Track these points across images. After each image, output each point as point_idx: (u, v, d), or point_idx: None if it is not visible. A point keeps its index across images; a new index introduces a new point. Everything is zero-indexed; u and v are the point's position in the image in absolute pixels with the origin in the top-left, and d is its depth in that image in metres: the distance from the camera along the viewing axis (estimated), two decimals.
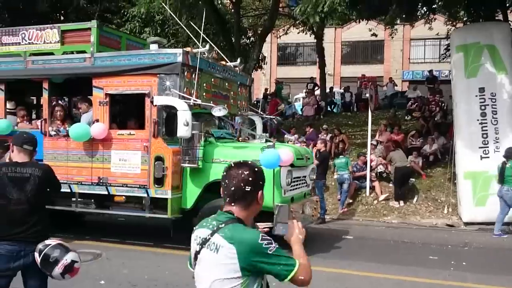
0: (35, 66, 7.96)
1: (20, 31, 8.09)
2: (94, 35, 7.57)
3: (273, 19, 17.27)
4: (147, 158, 7.24)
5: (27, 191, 3.65)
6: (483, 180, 9.77)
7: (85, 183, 7.69)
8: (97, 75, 7.53)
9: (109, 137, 7.49)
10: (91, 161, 7.63)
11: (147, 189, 7.27)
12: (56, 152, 7.87)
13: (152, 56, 7.21)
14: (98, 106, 7.56)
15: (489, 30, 10.41)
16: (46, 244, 3.56)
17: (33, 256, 3.55)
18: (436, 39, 27.57)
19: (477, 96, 10.05)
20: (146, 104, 7.27)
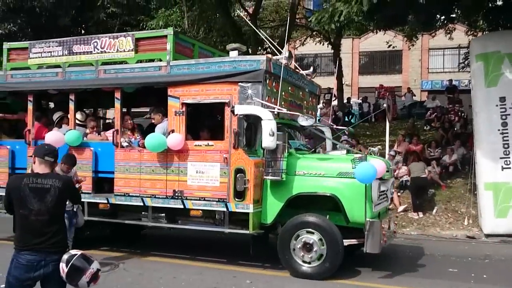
0: (107, 75, 7.88)
1: (92, 39, 8.04)
2: (171, 42, 7.44)
3: (290, 30, 17.50)
4: (227, 170, 7.01)
5: (47, 202, 3.79)
6: (504, 191, 9.77)
7: (159, 196, 7.49)
8: (173, 84, 7.39)
9: (186, 148, 7.30)
10: (165, 173, 7.44)
11: (226, 203, 7.02)
12: (128, 164, 7.72)
13: (233, 64, 7.02)
14: (174, 116, 7.38)
15: (509, 39, 10.35)
16: (72, 254, 3.74)
17: (53, 266, 3.72)
18: (455, 49, 27.58)
19: (497, 105, 10.00)
20: (226, 113, 7.07)
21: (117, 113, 7.86)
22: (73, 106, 8.23)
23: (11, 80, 8.69)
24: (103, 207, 8.04)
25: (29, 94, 8.55)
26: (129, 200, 7.72)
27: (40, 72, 8.49)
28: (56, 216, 3.87)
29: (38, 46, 8.50)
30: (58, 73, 8.28)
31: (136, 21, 20.15)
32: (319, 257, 6.73)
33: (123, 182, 7.76)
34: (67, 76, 8.19)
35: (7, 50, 8.86)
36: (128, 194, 7.72)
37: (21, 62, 8.79)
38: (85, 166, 8.04)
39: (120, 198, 7.78)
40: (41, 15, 21.11)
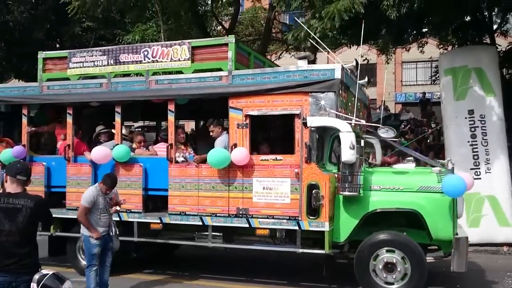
0: (159, 86, 7.57)
1: (141, 48, 7.74)
2: (232, 51, 7.18)
3: (266, 45, 18.28)
4: (298, 186, 6.75)
5: (18, 222, 3.81)
6: (475, 201, 10.12)
7: (220, 215, 7.16)
8: (236, 94, 7.13)
9: (250, 163, 7.00)
10: (227, 190, 7.14)
11: (298, 221, 6.75)
12: (184, 181, 7.40)
13: (304, 73, 6.79)
14: (236, 129, 7.08)
15: (476, 54, 10.95)
16: (43, 274, 3.74)
17: (24, 286, 3.76)
18: (427, 61, 28.71)
19: (466, 118, 10.52)
20: (296, 126, 6.82)
21: (170, 126, 7.54)
22: (120, 119, 7.87)
23: (47, 91, 8.31)
24: (155, 227, 7.65)
25: (68, 107, 8.15)
26: (185, 219, 7.38)
27: (82, 83, 8.11)
28: (27, 237, 3.88)
29: (79, 55, 8.17)
30: (102, 84, 7.93)
31: (112, 35, 20.45)
32: (403, 276, 6.48)
33: (178, 200, 7.42)
34: (113, 87, 7.84)
35: (42, 59, 8.47)
36: (184, 213, 7.39)
37: (59, 72, 8.44)
38: (134, 183, 7.68)
39: (175, 217, 7.44)
40: (14, 29, 21.32)
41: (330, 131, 6.94)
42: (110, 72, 7.91)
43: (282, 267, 8.58)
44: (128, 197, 7.67)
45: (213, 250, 9.22)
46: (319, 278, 7.35)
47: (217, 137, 7.50)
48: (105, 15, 19.09)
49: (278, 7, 12.45)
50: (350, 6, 9.12)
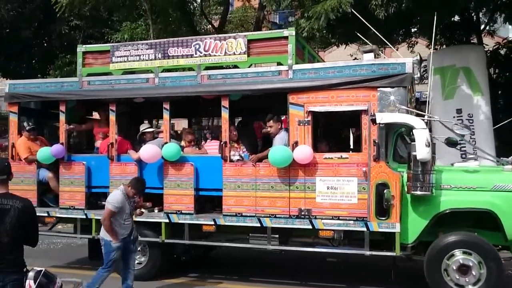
0: (212, 81, 7.31)
1: (193, 41, 7.48)
2: (292, 44, 6.94)
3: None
4: (366, 186, 6.55)
5: (6, 223, 3.81)
6: None
7: (280, 216, 6.93)
8: (297, 90, 6.92)
9: (313, 161, 6.78)
10: (288, 190, 6.92)
11: (366, 222, 6.54)
12: (240, 181, 7.17)
13: (372, 67, 6.59)
14: (297, 126, 6.85)
15: (464, 53, 11.15)
16: (37, 270, 3.88)
17: (12, 285, 3.80)
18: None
19: (454, 117, 10.52)
20: (363, 122, 6.59)
21: (224, 123, 7.29)
22: (168, 115, 7.57)
23: (88, 87, 8.01)
24: (208, 229, 7.39)
25: (111, 103, 7.85)
26: (242, 221, 7.15)
27: (126, 78, 7.83)
28: (15, 238, 3.88)
29: (123, 49, 7.89)
30: (149, 79, 7.65)
31: (100, 34, 20.48)
32: (476, 282, 6.30)
33: (234, 201, 7.18)
34: (161, 82, 7.56)
35: (82, 53, 8.16)
36: (240, 214, 7.15)
37: (100, 67, 8.15)
38: (185, 183, 7.44)
39: (231, 219, 7.20)
40: (1, 28, 21.45)
41: (394, 127, 6.75)
42: (157, 67, 7.62)
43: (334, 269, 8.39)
44: (178, 197, 7.48)
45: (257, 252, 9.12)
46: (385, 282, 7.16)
47: (275, 134, 7.27)
48: (93, 13, 19.18)
49: (269, 6, 12.50)
50: (337, 6, 9.14)
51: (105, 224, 6.30)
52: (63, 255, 10.19)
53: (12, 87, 8.52)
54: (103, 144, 8.23)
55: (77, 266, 9.02)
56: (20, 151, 8.34)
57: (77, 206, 8.02)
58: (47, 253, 10.38)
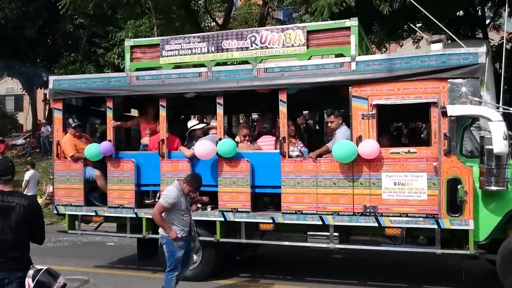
0: (269, 74, 7.13)
1: (248, 33, 7.30)
2: (355, 35, 6.73)
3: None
4: (437, 181, 6.33)
5: (11, 220, 3.84)
6: None
7: (343, 213, 6.72)
8: (359, 82, 6.72)
9: (379, 156, 6.60)
10: (351, 186, 6.72)
11: (437, 219, 6.33)
12: (300, 177, 6.98)
13: (442, 57, 6.38)
14: (361, 120, 6.64)
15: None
16: (38, 269, 3.87)
17: (18, 283, 3.83)
18: None
19: None
20: (432, 115, 6.39)
21: (282, 118, 7.09)
22: (221, 110, 7.38)
23: (136, 82, 7.85)
24: (265, 227, 7.21)
25: (161, 98, 7.68)
26: (302, 219, 6.97)
27: (177, 73, 7.67)
28: (21, 235, 3.91)
29: (174, 42, 7.72)
30: (201, 73, 7.46)
31: (105, 32, 20.59)
32: None
33: (293, 198, 7.00)
34: (214, 76, 7.38)
35: (129, 47, 8.00)
36: (300, 212, 6.94)
37: (149, 61, 8.00)
38: (241, 180, 7.26)
39: (290, 217, 7.02)
40: (6, 27, 21.81)
41: (461, 121, 6.53)
42: (210, 60, 7.44)
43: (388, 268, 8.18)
44: (233, 195, 7.30)
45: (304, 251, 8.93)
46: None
47: (335, 128, 7.07)
48: (97, 11, 19.48)
49: (271, 2, 12.46)
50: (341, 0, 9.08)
51: (156, 218, 6.17)
52: (70, 253, 10.38)
53: (57, 83, 8.38)
54: (152, 140, 8.07)
55: (84, 264, 9.04)
56: (66, 149, 8.21)
57: (126, 205, 7.87)
58: (54, 251, 10.54)
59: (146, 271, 8.40)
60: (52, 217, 15.72)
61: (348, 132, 6.85)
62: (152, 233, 7.81)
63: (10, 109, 41.74)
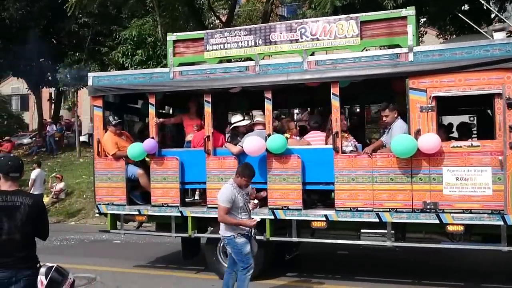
0: (320, 67, 6.93)
1: (298, 25, 7.09)
2: (413, 25, 6.53)
3: None
4: (502, 176, 6.11)
5: (17, 220, 3.88)
6: None
7: (401, 210, 6.50)
8: (417, 74, 6.52)
9: (439, 150, 6.34)
10: (410, 182, 6.51)
11: (503, 215, 6.10)
12: (354, 173, 6.78)
13: (506, 47, 6.17)
14: (419, 113, 6.42)
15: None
16: (49, 266, 3.94)
17: (25, 281, 3.87)
18: None
19: None
20: (496, 107, 6.17)
21: (335, 112, 6.89)
22: (270, 106, 7.21)
23: (180, 77, 7.69)
24: (318, 225, 7.01)
25: (206, 94, 7.51)
26: (358, 216, 6.77)
27: (222, 67, 7.51)
28: (27, 234, 3.94)
29: (219, 36, 7.56)
30: (248, 67, 7.27)
31: (109, 31, 20.79)
32: None
33: (347, 195, 6.79)
34: (262, 70, 7.19)
35: (172, 42, 7.84)
36: (355, 209, 6.74)
37: (193, 56, 7.84)
38: (291, 177, 7.08)
39: (344, 214, 6.82)
40: (11, 27, 22.09)
41: None
42: (258, 54, 7.25)
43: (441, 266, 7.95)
44: (284, 192, 7.12)
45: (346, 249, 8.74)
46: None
47: (391, 122, 6.86)
48: (102, 10, 19.63)
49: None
50: None
51: (225, 221, 5.96)
52: (77, 251, 10.52)
53: (96, 80, 8.24)
54: (196, 137, 7.91)
55: (91, 262, 9.10)
56: (107, 147, 8.07)
57: (170, 204, 7.71)
58: (61, 249, 10.74)
59: (152, 269, 8.58)
60: (58, 215, 16.19)
61: (405, 126, 6.64)
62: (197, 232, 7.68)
63: (16, 108, 42.08)
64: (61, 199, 17.15)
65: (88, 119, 31.80)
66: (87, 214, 15.76)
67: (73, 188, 18.00)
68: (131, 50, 18.69)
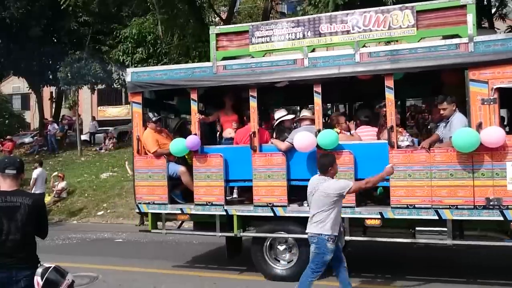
0: (373, 59, 6.69)
1: (349, 16, 6.86)
2: (473, 14, 6.29)
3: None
4: None
5: (17, 220, 3.87)
6: None
7: (462, 207, 6.28)
8: (478, 65, 6.30)
9: (502, 144, 6.09)
10: (471, 178, 6.30)
11: None
12: (411, 169, 6.56)
13: None
14: (480, 105, 6.20)
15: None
16: (46, 267, 3.90)
17: (25, 281, 3.85)
18: None
19: None
20: None
21: (390, 106, 6.64)
22: (320, 100, 6.99)
23: (224, 72, 7.48)
24: (372, 223, 6.80)
25: (251, 88, 7.32)
26: (415, 213, 6.56)
27: (269, 61, 7.28)
28: (27, 234, 3.94)
29: (265, 28, 7.37)
30: (296, 60, 7.06)
31: (109, 29, 20.89)
32: None
33: (404, 191, 6.60)
34: (311, 63, 6.97)
35: (215, 35, 7.64)
36: (413, 206, 6.52)
37: (237, 49, 7.64)
38: (343, 173, 6.85)
39: (401, 211, 6.60)
40: (11, 26, 22.26)
41: None
42: (307, 46, 7.04)
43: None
44: None
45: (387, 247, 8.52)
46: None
47: (449, 116, 6.63)
48: (102, 9, 19.77)
49: None
50: None
51: (369, 183, 5.93)
52: (79, 249, 10.58)
53: (135, 76, 8.05)
54: (239, 133, 7.72)
55: (94, 260, 9.17)
56: (148, 145, 7.89)
57: (215, 202, 7.51)
58: (64, 248, 10.79)
59: (155, 267, 8.58)
60: (60, 214, 16.17)
61: (466, 119, 6.41)
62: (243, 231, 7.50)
63: (17, 108, 42.16)
64: (62, 198, 17.19)
65: (89, 118, 32.11)
66: (88, 213, 15.83)
67: (74, 187, 18.04)
68: (131, 48, 18.88)
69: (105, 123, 34.08)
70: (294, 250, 7.41)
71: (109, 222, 14.70)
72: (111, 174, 19.13)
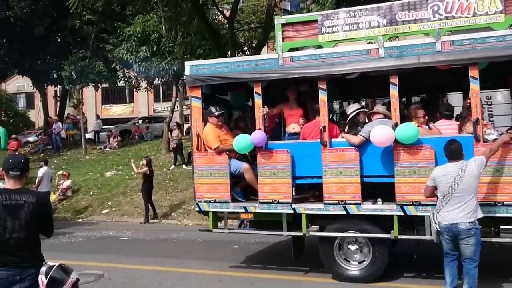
0: (456, 48, 6.34)
1: (429, 2, 6.51)
2: None
3: (267, 32, 18.53)
4: None
5: (21, 218, 3.87)
6: None
7: None
8: None
9: None
10: None
11: None
12: (499, 164, 6.25)
13: None
14: None
15: None
16: (50, 266, 3.89)
17: (30, 280, 3.85)
18: None
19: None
20: None
21: (475, 97, 6.29)
22: (397, 92, 6.64)
23: (291, 64, 7.17)
24: None
25: (321, 81, 6.99)
26: (504, 211, 6.24)
27: (340, 51, 6.97)
28: (32, 232, 3.95)
29: (336, 17, 7.05)
30: (370, 50, 6.74)
31: (113, 28, 20.98)
32: None
33: (491, 188, 6.23)
34: (387, 53, 6.64)
35: (280, 26, 7.35)
36: (501, 203, 6.28)
37: (305, 40, 7.34)
38: (423, 169, 6.53)
39: (488, 209, 6.25)
40: (15, 25, 22.39)
41: None
42: (382, 35, 6.70)
43: None
44: (414, 186, 6.61)
45: None
46: None
47: None
48: (106, 8, 19.92)
49: None
50: None
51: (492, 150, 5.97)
52: (85, 247, 10.65)
53: (194, 69, 7.77)
54: (307, 128, 7.41)
55: (98, 258, 9.23)
56: (209, 141, 7.60)
57: (281, 200, 7.20)
58: (69, 246, 10.85)
59: (160, 265, 8.59)
60: (66, 212, 16.25)
61: None
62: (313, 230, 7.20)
63: (21, 106, 42.64)
64: (68, 197, 17.22)
65: (93, 116, 32.16)
66: (94, 211, 15.87)
67: (79, 186, 18.11)
68: (135, 46, 18.92)
69: (109, 121, 34.32)
70: (365, 250, 7.08)
71: (114, 220, 14.82)
72: (115, 173, 19.24)
